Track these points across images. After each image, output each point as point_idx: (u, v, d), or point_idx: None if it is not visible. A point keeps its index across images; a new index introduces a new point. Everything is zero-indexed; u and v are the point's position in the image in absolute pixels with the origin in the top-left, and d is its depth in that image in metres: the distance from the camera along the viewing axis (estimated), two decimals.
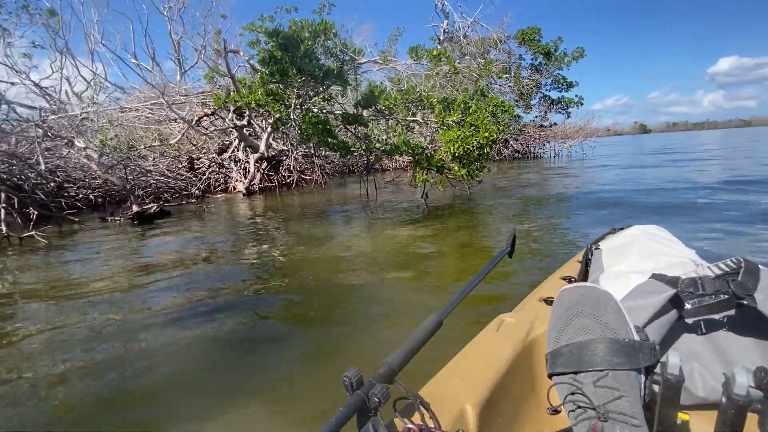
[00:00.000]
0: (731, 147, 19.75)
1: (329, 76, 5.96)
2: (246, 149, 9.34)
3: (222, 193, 9.61)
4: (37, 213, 5.72)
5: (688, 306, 0.75)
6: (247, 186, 9.19)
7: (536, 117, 22.21)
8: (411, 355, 0.70)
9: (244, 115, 8.35)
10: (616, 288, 0.89)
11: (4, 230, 5.11)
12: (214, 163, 9.99)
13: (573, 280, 1.30)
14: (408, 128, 6.78)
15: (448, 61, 6.30)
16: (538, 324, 0.99)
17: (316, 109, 6.70)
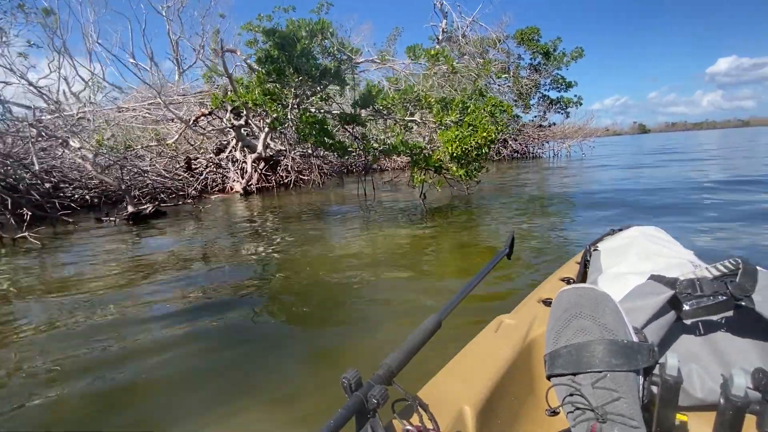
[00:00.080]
0: (730, 147, 19.82)
1: (326, 76, 5.94)
2: (243, 149, 9.31)
3: (219, 193, 9.57)
4: (30, 214, 5.67)
5: (686, 307, 0.76)
6: (244, 186, 9.17)
7: (535, 117, 22.30)
8: (410, 356, 0.70)
9: (241, 115, 8.33)
10: (615, 289, 0.90)
11: None
12: (211, 163, 9.95)
13: (572, 281, 1.31)
14: (406, 128, 6.77)
15: (446, 61, 6.29)
16: (537, 325, 0.99)
17: (313, 109, 6.68)
